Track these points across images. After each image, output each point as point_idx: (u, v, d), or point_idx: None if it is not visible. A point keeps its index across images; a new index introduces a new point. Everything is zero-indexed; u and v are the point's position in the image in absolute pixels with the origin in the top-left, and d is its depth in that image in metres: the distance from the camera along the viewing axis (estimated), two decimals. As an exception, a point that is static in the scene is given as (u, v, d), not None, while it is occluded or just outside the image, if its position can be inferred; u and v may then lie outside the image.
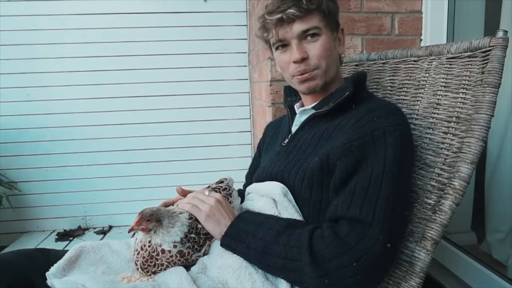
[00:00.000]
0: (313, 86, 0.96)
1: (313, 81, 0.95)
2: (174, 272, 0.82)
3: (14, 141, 2.37)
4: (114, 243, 0.97)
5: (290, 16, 0.89)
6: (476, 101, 0.82)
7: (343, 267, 0.72)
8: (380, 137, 0.80)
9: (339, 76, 1.02)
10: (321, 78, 0.95)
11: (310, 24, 0.91)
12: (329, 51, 0.94)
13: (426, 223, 0.84)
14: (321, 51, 0.92)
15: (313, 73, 0.94)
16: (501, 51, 0.80)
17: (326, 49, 0.93)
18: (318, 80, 0.95)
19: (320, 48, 0.92)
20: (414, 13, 1.66)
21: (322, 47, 0.92)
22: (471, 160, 0.79)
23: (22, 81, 2.34)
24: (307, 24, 0.91)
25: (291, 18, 0.90)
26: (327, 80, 0.96)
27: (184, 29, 2.40)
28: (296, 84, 0.98)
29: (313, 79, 0.95)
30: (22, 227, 2.46)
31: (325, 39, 0.93)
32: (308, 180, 0.87)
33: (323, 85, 0.96)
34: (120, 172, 2.47)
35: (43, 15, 2.30)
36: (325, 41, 0.93)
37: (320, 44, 0.92)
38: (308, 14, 0.90)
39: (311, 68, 0.94)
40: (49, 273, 0.82)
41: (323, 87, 0.97)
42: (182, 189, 0.99)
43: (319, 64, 0.93)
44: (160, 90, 2.43)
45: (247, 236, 0.83)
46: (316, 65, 0.93)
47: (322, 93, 0.99)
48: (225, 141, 2.52)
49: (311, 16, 0.91)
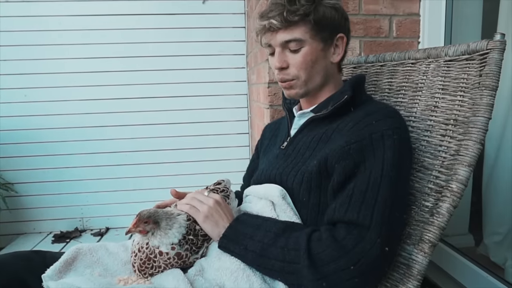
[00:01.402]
0: (293, 94, 0.98)
1: (292, 90, 0.97)
2: (171, 274, 0.81)
3: (11, 142, 2.36)
4: (111, 245, 0.96)
5: (272, 26, 0.91)
6: (473, 104, 0.82)
7: (341, 270, 0.72)
8: (379, 140, 0.80)
9: (336, 81, 1.01)
10: (301, 87, 0.96)
11: (293, 35, 0.91)
12: (312, 62, 0.93)
13: (424, 225, 0.84)
14: (300, 62, 0.93)
15: (291, 82, 0.96)
16: (498, 54, 0.80)
17: (307, 60, 0.93)
18: (297, 89, 0.96)
19: (299, 60, 0.93)
20: (412, 16, 1.66)
21: (302, 58, 0.93)
22: (469, 163, 0.79)
23: (20, 82, 2.33)
24: (289, 35, 0.91)
25: (273, 28, 0.91)
26: (309, 89, 0.97)
27: (182, 30, 2.40)
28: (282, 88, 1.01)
29: (291, 88, 0.97)
30: (18, 229, 2.45)
31: (308, 50, 0.92)
32: (307, 183, 0.87)
33: (304, 94, 0.98)
34: (117, 174, 2.47)
35: (42, 16, 2.30)
36: (307, 52, 0.92)
37: (300, 55, 0.93)
38: (291, 25, 0.90)
39: (289, 77, 0.95)
40: (45, 275, 0.81)
41: (305, 95, 0.98)
42: (176, 191, 0.99)
43: (298, 75, 0.94)
44: (158, 91, 2.43)
45: (245, 238, 0.83)
46: (294, 75, 0.94)
47: (317, 97, 1.00)
48: (223, 143, 2.52)
49: (294, 28, 0.91)
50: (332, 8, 0.93)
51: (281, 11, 0.89)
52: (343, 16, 0.97)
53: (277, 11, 0.89)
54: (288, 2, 0.89)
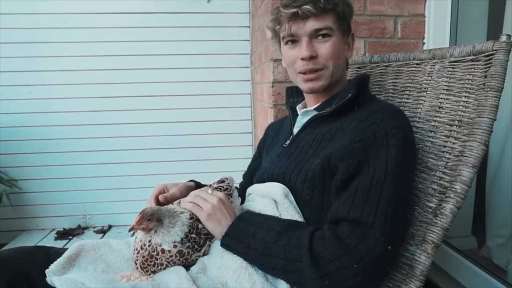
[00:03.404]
0: (318, 86, 0.96)
1: (319, 82, 0.95)
2: (174, 271, 0.82)
3: (15, 139, 2.37)
4: (114, 242, 0.97)
5: (305, 12, 0.89)
6: (478, 105, 0.82)
7: (344, 269, 0.72)
8: (383, 139, 0.80)
9: (344, 79, 1.02)
10: (327, 79, 0.95)
11: (324, 23, 0.91)
12: (338, 53, 0.94)
13: (427, 226, 0.83)
14: (330, 52, 0.92)
15: (320, 73, 0.94)
16: (504, 55, 0.80)
17: (335, 50, 0.93)
18: (323, 81, 0.95)
19: (329, 49, 0.92)
20: (417, 17, 1.66)
21: (331, 48, 0.92)
22: (473, 164, 0.79)
23: (23, 79, 2.34)
24: (321, 23, 0.91)
25: (306, 15, 0.90)
26: (332, 81, 0.96)
27: (187, 29, 2.40)
28: (300, 82, 0.98)
29: (318, 79, 0.95)
30: (21, 225, 2.46)
31: (336, 40, 0.93)
32: (310, 182, 0.87)
33: (327, 86, 0.96)
34: (121, 171, 2.47)
35: (45, 14, 2.30)
36: (335, 43, 0.93)
37: (330, 44, 0.92)
38: (324, 14, 0.90)
39: (318, 67, 0.94)
40: (48, 270, 0.82)
41: (326, 88, 0.97)
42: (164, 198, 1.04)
43: (327, 65, 0.94)
44: (162, 90, 2.43)
45: (247, 237, 0.83)
46: (323, 65, 0.94)
47: (324, 94, 0.99)
48: (226, 142, 2.52)
49: (326, 16, 0.91)
50: (348, 5, 0.96)
51: None
52: (352, 14, 0.99)
53: None
54: None
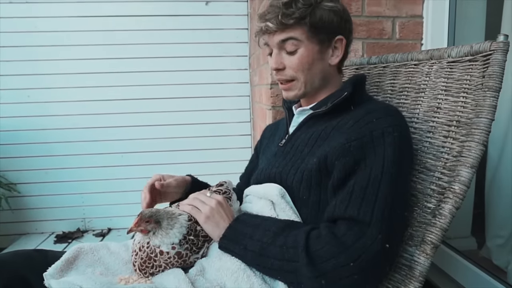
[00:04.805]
0: (291, 96, 0.98)
1: (291, 92, 0.97)
2: (172, 273, 0.81)
3: (13, 143, 2.37)
4: (113, 245, 0.97)
5: (268, 29, 0.91)
6: (476, 105, 0.82)
7: (340, 267, 0.72)
8: (379, 138, 0.80)
9: (334, 83, 1.00)
10: (300, 89, 0.96)
11: (289, 35, 0.91)
12: (308, 64, 0.93)
13: (426, 227, 0.83)
14: (296, 64, 0.93)
15: (291, 83, 0.96)
16: (501, 55, 0.80)
17: (304, 62, 0.93)
18: (296, 91, 0.97)
19: (295, 61, 0.93)
20: (415, 18, 1.66)
21: (298, 60, 0.93)
22: (472, 164, 0.79)
23: (22, 83, 2.34)
24: (287, 34, 0.91)
25: (269, 31, 0.92)
26: (307, 91, 0.97)
27: (185, 32, 2.40)
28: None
29: (290, 89, 0.97)
30: (20, 229, 2.46)
31: (305, 52, 0.92)
32: (307, 181, 0.87)
33: (302, 95, 0.98)
34: (120, 174, 2.47)
35: (44, 17, 2.31)
36: (303, 54, 0.92)
37: (297, 56, 0.93)
38: (286, 28, 0.91)
39: (287, 78, 0.95)
40: (46, 273, 0.81)
41: (303, 97, 0.99)
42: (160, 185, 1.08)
43: (296, 76, 0.95)
44: (160, 92, 2.43)
45: (244, 238, 0.83)
46: (292, 76, 0.95)
47: (314, 98, 1.00)
48: (225, 144, 2.52)
49: (289, 30, 0.91)
50: (331, 11, 0.92)
51: (276, 14, 0.89)
52: (342, 18, 0.95)
53: (273, 13, 0.90)
54: (284, 5, 0.89)
